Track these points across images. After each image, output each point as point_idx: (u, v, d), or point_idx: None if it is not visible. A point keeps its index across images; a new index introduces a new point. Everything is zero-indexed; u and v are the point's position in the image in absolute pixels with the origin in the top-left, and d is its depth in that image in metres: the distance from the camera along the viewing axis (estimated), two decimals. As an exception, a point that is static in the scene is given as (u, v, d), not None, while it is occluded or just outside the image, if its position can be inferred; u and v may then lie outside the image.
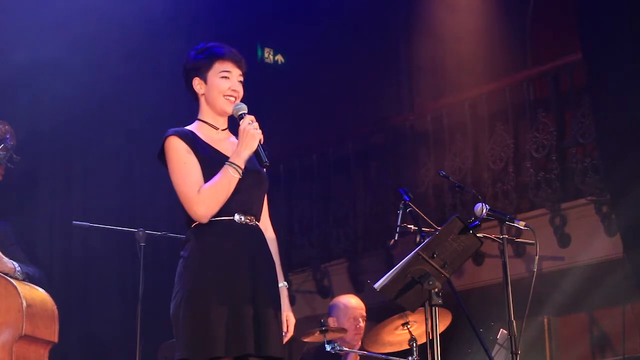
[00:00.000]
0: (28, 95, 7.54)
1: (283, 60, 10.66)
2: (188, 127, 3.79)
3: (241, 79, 3.82)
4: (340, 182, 9.43)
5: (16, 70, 7.38)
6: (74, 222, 6.23)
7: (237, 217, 3.68)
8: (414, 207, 4.65)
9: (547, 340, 8.10)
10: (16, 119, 5.34)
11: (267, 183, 3.84)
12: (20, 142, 5.05)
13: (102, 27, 7.97)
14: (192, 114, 3.88)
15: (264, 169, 3.83)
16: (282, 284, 3.86)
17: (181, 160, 3.68)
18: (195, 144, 3.71)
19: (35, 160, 7.38)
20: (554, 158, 7.90)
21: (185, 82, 3.86)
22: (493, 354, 5.61)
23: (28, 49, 7.46)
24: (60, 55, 7.71)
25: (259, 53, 10.44)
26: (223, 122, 3.84)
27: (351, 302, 6.22)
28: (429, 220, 4.68)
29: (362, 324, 6.11)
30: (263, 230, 3.82)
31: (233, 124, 3.81)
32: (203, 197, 3.61)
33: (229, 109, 3.77)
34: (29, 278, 4.75)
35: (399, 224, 4.69)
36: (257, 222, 3.75)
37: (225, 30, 8.58)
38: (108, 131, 8.00)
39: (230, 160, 3.65)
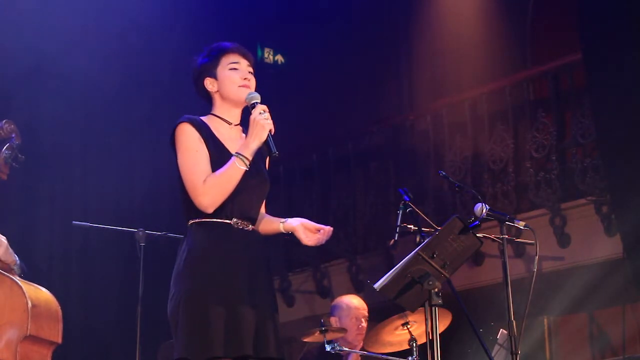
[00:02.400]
0: (28, 96, 7.55)
1: (283, 60, 10.67)
2: (202, 118, 3.77)
3: (250, 69, 3.82)
4: (340, 182, 9.43)
5: (17, 70, 7.39)
6: (74, 222, 6.23)
7: (234, 220, 3.67)
8: (414, 207, 4.65)
9: (547, 340, 8.10)
10: (16, 118, 5.33)
11: (268, 187, 3.83)
12: (21, 142, 5.04)
13: (102, 29, 7.98)
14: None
15: (267, 165, 3.84)
16: (284, 220, 3.85)
17: (192, 148, 3.66)
18: (207, 136, 3.70)
19: (35, 160, 7.38)
20: (554, 158, 7.90)
21: (196, 87, 3.85)
22: (493, 354, 5.61)
23: (28, 49, 7.48)
24: (61, 55, 7.72)
25: (259, 53, 10.44)
26: (236, 116, 3.82)
27: (353, 302, 6.22)
28: (429, 220, 4.68)
29: (364, 324, 6.11)
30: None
31: (244, 120, 3.78)
32: (208, 187, 3.60)
33: (244, 97, 3.75)
34: (23, 272, 4.75)
35: (399, 224, 4.69)
36: (253, 227, 3.74)
37: (225, 30, 8.58)
38: (108, 131, 8.01)
39: (238, 151, 3.63)
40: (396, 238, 4.70)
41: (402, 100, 10.08)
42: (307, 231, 3.82)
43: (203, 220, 3.66)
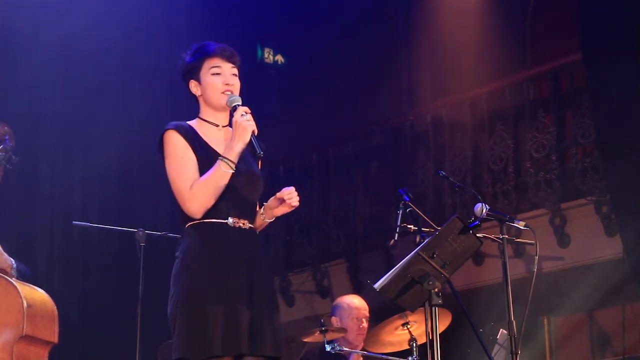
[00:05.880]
0: (28, 96, 7.54)
1: (283, 60, 10.66)
2: (189, 123, 3.79)
3: (235, 72, 3.81)
4: (340, 182, 9.43)
5: (17, 72, 7.40)
6: (74, 222, 6.23)
7: (230, 220, 3.67)
8: (414, 207, 4.65)
9: (547, 340, 8.10)
10: (16, 119, 5.34)
11: (262, 184, 3.83)
12: (20, 142, 5.04)
13: (102, 28, 7.97)
14: (192, 113, 3.88)
15: (259, 166, 3.85)
16: (262, 212, 3.82)
17: (178, 154, 3.69)
18: (195, 140, 3.72)
19: (35, 160, 7.38)
20: (554, 158, 7.90)
21: (185, 86, 3.88)
22: (493, 354, 5.61)
23: (30, 48, 7.48)
24: (61, 56, 7.72)
25: (259, 53, 10.43)
26: (224, 119, 3.83)
27: (355, 302, 6.21)
28: (429, 220, 4.68)
29: (365, 324, 6.11)
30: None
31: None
32: (194, 192, 3.62)
33: (225, 103, 3.76)
34: (22, 275, 4.75)
35: (399, 224, 4.69)
36: (251, 225, 3.75)
37: (225, 30, 8.58)
38: (108, 131, 8.00)
39: (222, 154, 3.64)
40: (396, 238, 4.71)
41: (402, 100, 10.08)
42: (280, 207, 3.77)
43: (199, 221, 3.67)
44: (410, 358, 5.54)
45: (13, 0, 7.41)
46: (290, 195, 3.72)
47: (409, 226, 4.68)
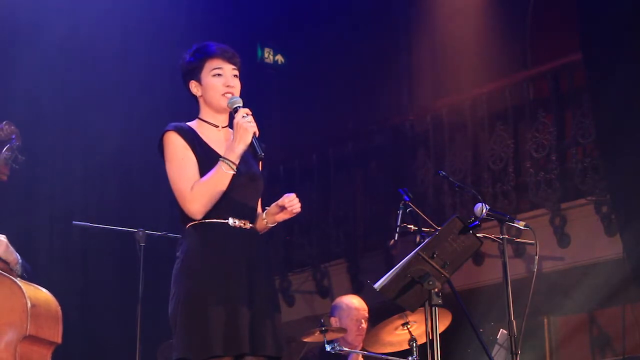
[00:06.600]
0: (28, 96, 7.55)
1: (283, 60, 10.66)
2: (189, 124, 3.80)
3: (235, 72, 3.82)
4: (340, 182, 9.43)
5: (17, 72, 7.40)
6: (74, 222, 6.23)
7: (231, 220, 3.68)
8: (414, 207, 4.65)
9: (547, 340, 8.10)
10: (16, 118, 5.32)
11: (262, 184, 3.83)
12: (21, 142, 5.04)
13: (102, 28, 7.98)
14: (192, 113, 3.88)
15: (259, 166, 3.85)
16: (264, 217, 3.79)
17: (178, 155, 3.69)
18: (194, 141, 3.72)
19: (35, 160, 7.38)
20: (554, 158, 7.90)
21: (184, 86, 3.88)
22: (493, 354, 5.61)
23: (30, 50, 7.48)
24: (61, 55, 7.72)
25: (259, 53, 10.43)
26: (223, 120, 3.84)
27: (354, 302, 6.22)
28: (429, 220, 4.68)
29: (364, 325, 6.11)
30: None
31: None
32: (195, 193, 3.63)
33: (226, 105, 3.77)
34: (26, 272, 4.75)
35: (399, 224, 4.69)
36: (251, 225, 3.75)
37: (225, 30, 8.59)
38: (108, 131, 8.00)
39: (223, 155, 3.65)
40: (396, 238, 4.71)
41: (402, 100, 10.08)
42: (281, 213, 3.76)
43: (200, 221, 3.67)
44: (410, 358, 5.54)
45: (13, 0, 7.41)
46: (291, 203, 3.72)
47: (409, 226, 4.68)
